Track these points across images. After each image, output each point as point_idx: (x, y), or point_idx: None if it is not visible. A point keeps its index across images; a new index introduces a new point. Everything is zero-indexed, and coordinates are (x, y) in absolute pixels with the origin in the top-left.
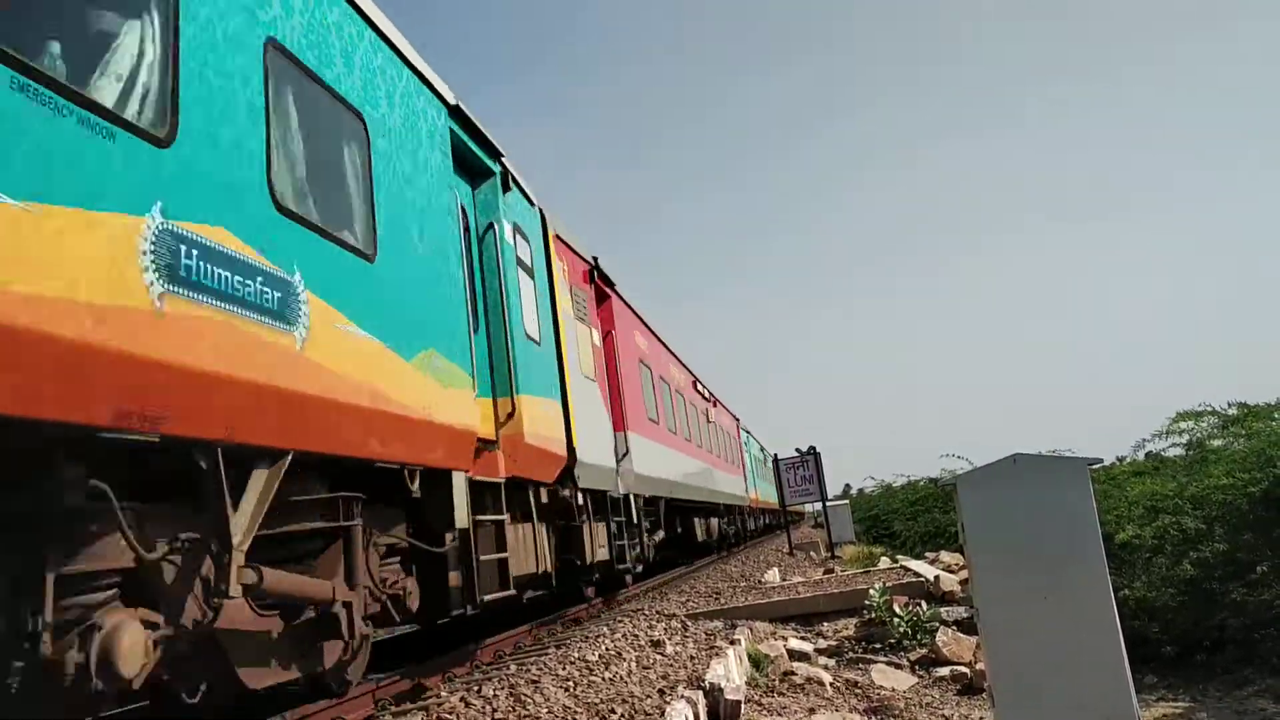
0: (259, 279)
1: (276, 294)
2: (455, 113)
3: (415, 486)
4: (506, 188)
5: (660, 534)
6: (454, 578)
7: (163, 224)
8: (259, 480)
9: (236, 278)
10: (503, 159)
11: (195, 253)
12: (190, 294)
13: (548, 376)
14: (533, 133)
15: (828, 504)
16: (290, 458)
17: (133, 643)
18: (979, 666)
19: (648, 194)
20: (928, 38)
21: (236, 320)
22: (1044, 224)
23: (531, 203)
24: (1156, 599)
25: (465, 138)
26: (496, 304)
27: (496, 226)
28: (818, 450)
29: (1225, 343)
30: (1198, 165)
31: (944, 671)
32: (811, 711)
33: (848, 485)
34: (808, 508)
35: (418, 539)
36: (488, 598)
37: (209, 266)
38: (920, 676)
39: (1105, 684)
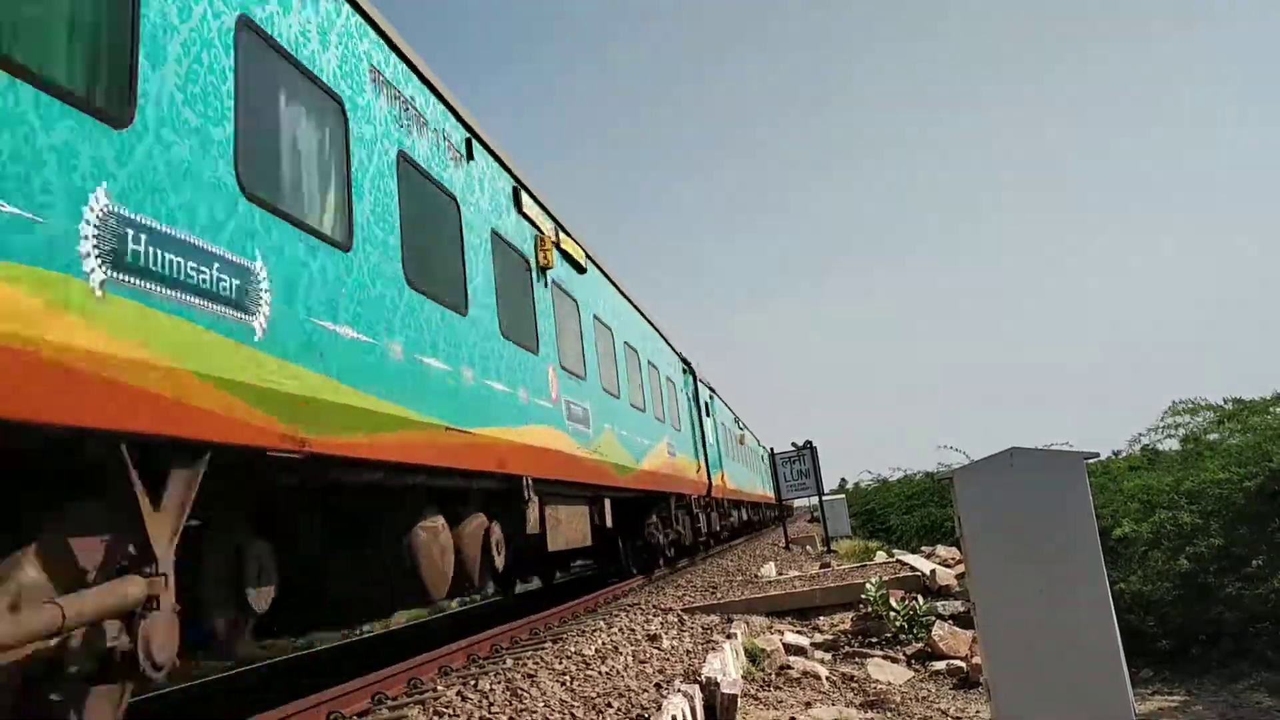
0: None
1: None
2: None
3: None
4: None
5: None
6: None
7: None
8: None
9: None
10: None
11: None
12: None
13: None
14: (521, 123)
15: (824, 498)
16: None
17: None
18: (975, 660)
19: (637, 179)
20: (921, 18)
21: None
22: (1041, 220)
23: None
24: (1152, 593)
25: None
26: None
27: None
28: (814, 444)
29: (1222, 340)
30: (1200, 158)
31: (940, 665)
32: (808, 705)
33: (843, 479)
34: (798, 501)
35: None
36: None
37: None
38: (916, 670)
39: (1101, 678)
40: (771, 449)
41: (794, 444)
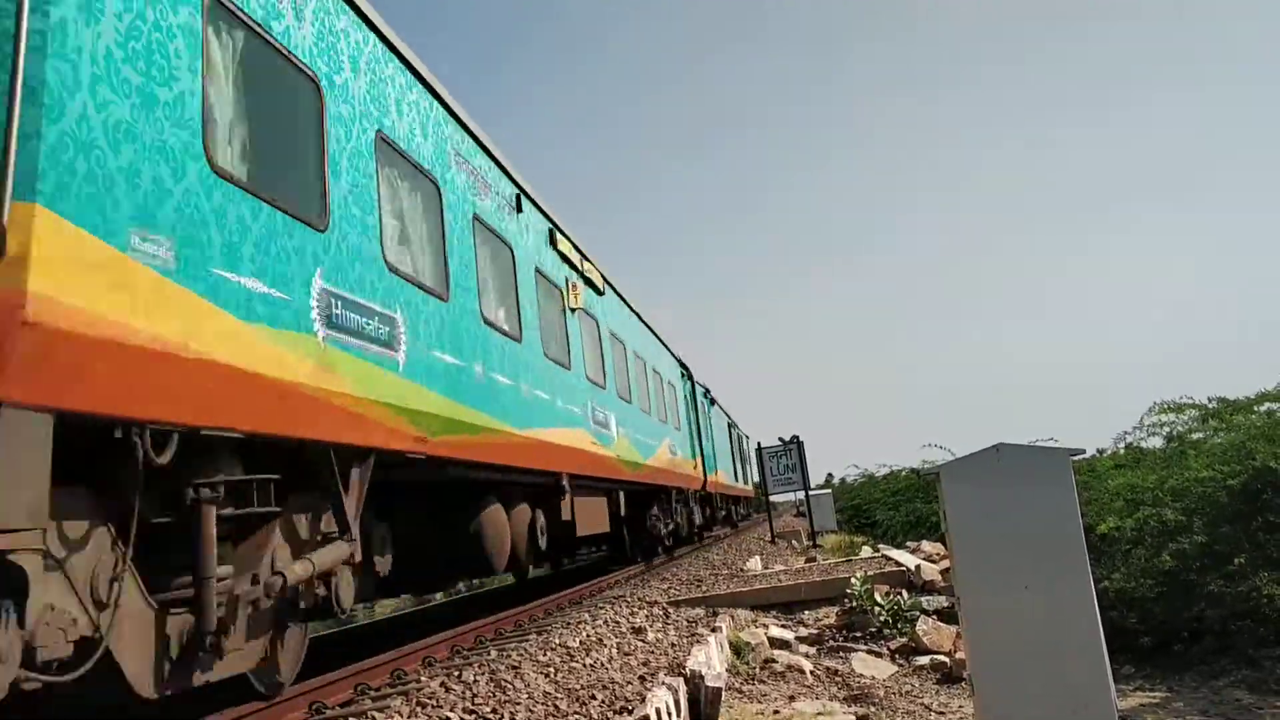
0: None
1: None
2: None
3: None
4: None
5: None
6: None
7: None
8: None
9: None
10: None
11: None
12: None
13: None
14: (519, 122)
15: (810, 492)
16: None
17: None
18: (959, 655)
19: (624, 169)
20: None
21: None
22: (1031, 215)
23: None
24: (1135, 590)
25: None
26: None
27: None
28: (800, 439)
29: (1206, 342)
30: (1201, 157)
31: (924, 660)
32: (791, 699)
33: (830, 474)
34: (781, 496)
35: None
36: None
37: None
38: (900, 665)
39: (1084, 673)
40: (759, 443)
41: (781, 439)
